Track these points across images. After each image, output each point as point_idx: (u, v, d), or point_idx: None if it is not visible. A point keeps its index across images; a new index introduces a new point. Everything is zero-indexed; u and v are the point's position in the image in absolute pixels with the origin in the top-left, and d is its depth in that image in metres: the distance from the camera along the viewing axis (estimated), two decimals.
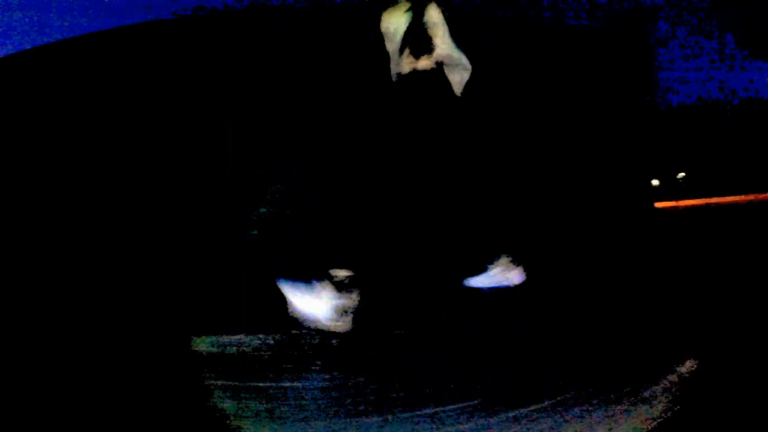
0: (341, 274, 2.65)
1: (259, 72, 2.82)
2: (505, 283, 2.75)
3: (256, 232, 2.84)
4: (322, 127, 2.89)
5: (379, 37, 2.77)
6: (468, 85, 2.78)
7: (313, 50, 2.68)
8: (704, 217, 3.79)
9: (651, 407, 2.11)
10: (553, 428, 1.99)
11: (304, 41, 2.74)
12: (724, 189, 3.91)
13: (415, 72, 2.73)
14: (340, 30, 2.71)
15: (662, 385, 2.23)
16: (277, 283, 2.60)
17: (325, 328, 2.57)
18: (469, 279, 2.70)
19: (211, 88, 2.81)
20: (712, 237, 3.51)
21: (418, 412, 2.07)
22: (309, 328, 2.55)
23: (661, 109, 3.98)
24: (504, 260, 2.72)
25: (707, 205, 3.89)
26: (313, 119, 2.83)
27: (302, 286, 2.61)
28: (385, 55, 2.81)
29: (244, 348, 2.45)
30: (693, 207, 3.86)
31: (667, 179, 3.89)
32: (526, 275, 2.71)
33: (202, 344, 2.44)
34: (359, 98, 2.81)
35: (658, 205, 3.65)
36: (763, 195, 3.86)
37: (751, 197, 3.87)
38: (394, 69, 2.79)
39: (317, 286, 2.61)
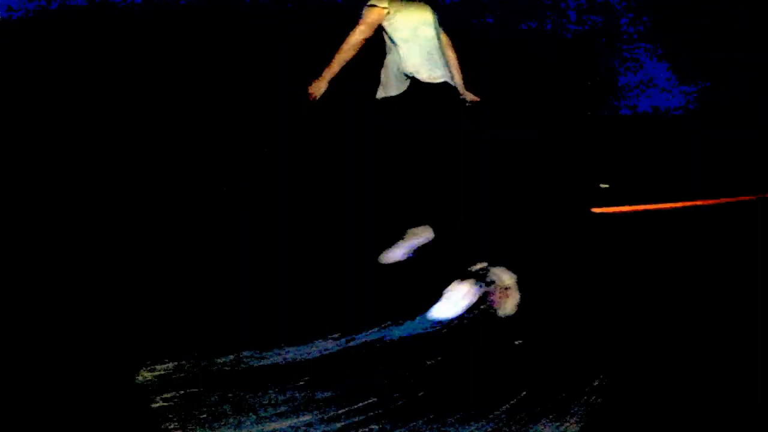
0: (477, 267, 2.54)
1: (258, 71, 2.85)
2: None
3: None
4: (321, 126, 2.89)
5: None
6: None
7: (313, 50, 2.71)
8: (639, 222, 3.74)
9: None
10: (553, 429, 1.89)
11: (304, 41, 2.78)
12: (656, 196, 4.00)
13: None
14: (340, 30, 2.75)
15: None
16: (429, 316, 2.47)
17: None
18: None
19: (210, 88, 2.85)
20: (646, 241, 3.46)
21: (418, 421, 1.97)
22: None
23: (605, 117, 4.16)
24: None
25: (643, 211, 3.92)
26: (312, 119, 2.84)
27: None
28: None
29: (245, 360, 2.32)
30: (630, 212, 3.88)
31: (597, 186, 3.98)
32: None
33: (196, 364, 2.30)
34: (359, 98, 2.82)
35: (595, 210, 3.68)
36: (703, 201, 3.89)
37: (695, 203, 3.93)
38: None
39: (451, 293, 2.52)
